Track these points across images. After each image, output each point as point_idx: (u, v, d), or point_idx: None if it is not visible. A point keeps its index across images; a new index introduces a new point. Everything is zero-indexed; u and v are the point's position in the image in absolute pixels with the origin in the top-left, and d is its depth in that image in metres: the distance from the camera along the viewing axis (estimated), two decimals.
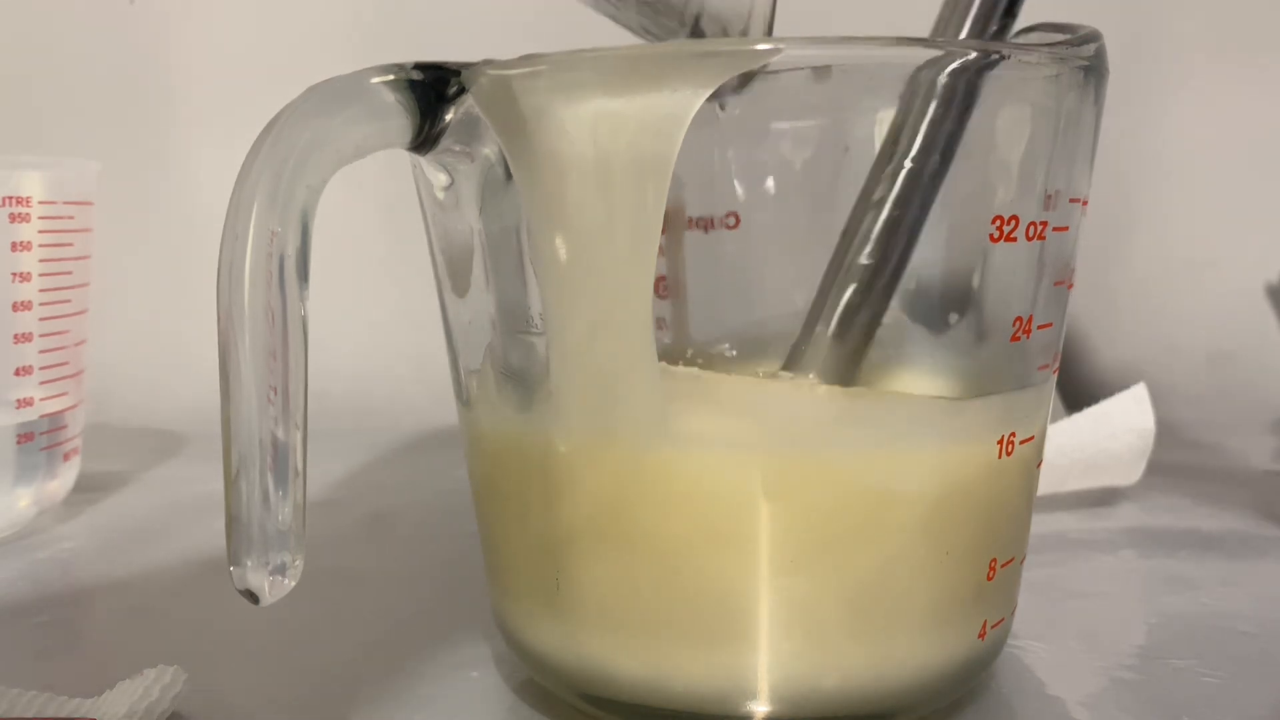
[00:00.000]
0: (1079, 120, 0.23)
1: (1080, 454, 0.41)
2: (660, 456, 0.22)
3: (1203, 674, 0.27)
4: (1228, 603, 0.32)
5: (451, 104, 0.22)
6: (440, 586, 0.34)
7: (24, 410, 0.39)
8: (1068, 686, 0.26)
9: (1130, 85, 0.59)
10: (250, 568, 0.20)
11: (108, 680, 0.25)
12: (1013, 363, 0.24)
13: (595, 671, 0.23)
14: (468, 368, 0.25)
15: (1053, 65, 0.23)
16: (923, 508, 0.22)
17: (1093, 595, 0.33)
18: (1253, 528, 0.39)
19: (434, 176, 0.24)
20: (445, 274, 0.25)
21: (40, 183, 0.38)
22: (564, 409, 0.22)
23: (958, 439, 0.23)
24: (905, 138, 0.23)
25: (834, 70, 0.22)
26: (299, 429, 0.20)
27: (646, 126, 0.20)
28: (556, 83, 0.21)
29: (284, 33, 0.60)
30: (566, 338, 0.22)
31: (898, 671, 0.23)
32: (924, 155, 0.23)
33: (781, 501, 0.21)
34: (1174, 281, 0.62)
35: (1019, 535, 0.25)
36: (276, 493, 0.20)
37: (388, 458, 0.52)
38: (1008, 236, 0.23)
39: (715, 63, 0.20)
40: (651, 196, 0.21)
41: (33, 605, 0.33)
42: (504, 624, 0.26)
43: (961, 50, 0.22)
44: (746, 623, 0.22)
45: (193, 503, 0.44)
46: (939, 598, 0.23)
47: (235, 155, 0.20)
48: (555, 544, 0.23)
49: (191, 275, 0.48)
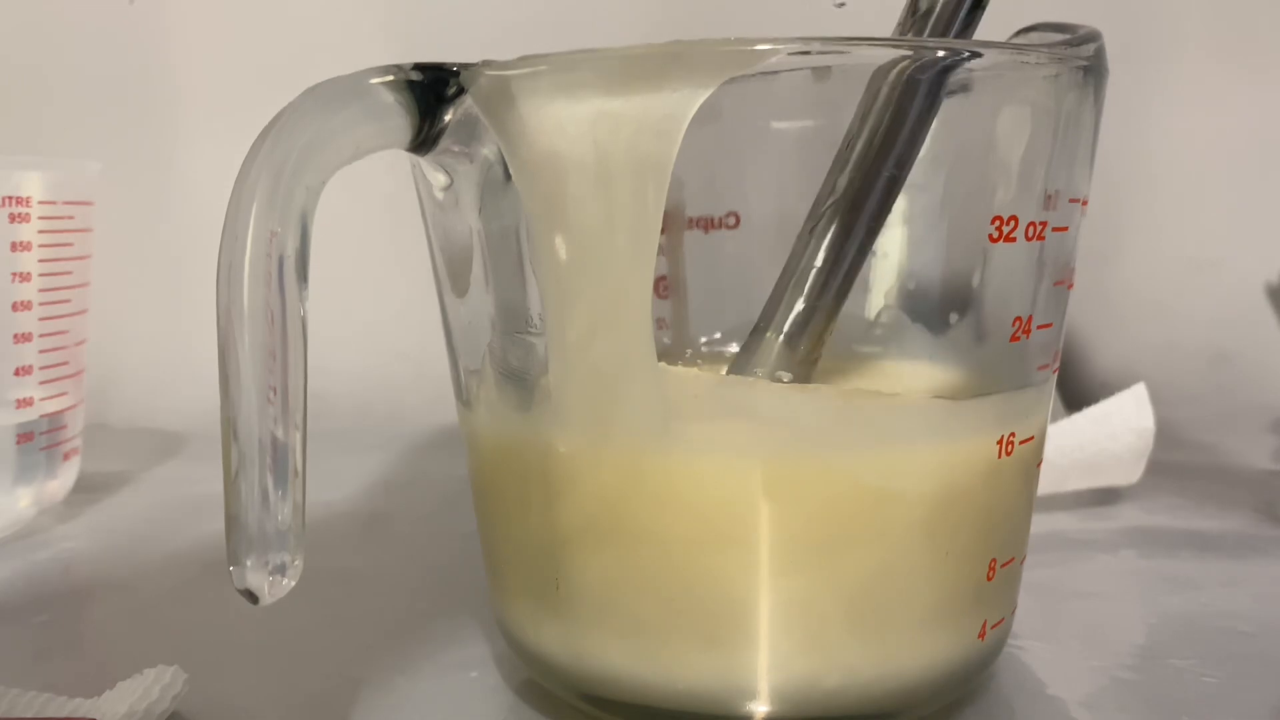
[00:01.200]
0: (1079, 120, 0.23)
1: (1080, 454, 0.41)
2: (660, 456, 0.22)
3: (1203, 674, 0.27)
4: (1228, 603, 0.32)
5: (451, 104, 0.22)
6: (440, 586, 0.34)
7: (24, 410, 0.39)
8: (1068, 686, 0.26)
9: (1130, 85, 0.59)
10: (250, 568, 0.20)
11: (108, 680, 0.25)
12: (1012, 363, 0.24)
13: (595, 671, 0.23)
14: (468, 368, 0.25)
15: (1052, 65, 0.23)
16: (923, 508, 0.22)
17: (1093, 595, 0.33)
18: (1253, 528, 0.39)
19: (433, 177, 0.24)
20: (445, 274, 0.25)
21: (40, 183, 0.38)
22: (564, 409, 0.22)
23: (958, 439, 0.23)
24: (866, 143, 0.23)
25: (834, 70, 0.22)
26: (299, 429, 0.20)
27: (646, 126, 0.20)
28: (556, 83, 0.21)
29: (284, 33, 0.60)
30: (566, 338, 0.22)
31: (898, 671, 0.23)
32: (885, 161, 0.23)
33: (781, 501, 0.21)
34: (1174, 282, 0.62)
35: (1019, 535, 0.25)
36: (276, 493, 0.20)
37: (388, 458, 0.52)
38: (1007, 237, 0.23)
39: (715, 63, 0.20)
40: (651, 196, 0.21)
41: (33, 605, 0.33)
42: (504, 624, 0.26)
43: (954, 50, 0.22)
44: (746, 622, 0.22)
45: (193, 503, 0.44)
46: (939, 598, 0.23)
47: (235, 155, 0.21)
48: (555, 544, 0.23)
49: (191, 275, 0.48)
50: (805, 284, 0.23)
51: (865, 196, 0.23)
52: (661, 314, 0.31)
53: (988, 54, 0.22)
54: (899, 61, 0.22)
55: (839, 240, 0.23)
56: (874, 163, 0.23)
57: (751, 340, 0.24)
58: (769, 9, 0.54)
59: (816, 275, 0.23)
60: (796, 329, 0.23)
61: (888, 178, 0.23)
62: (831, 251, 0.23)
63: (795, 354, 0.24)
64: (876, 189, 0.23)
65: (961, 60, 0.21)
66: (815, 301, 0.23)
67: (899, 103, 0.22)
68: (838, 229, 0.23)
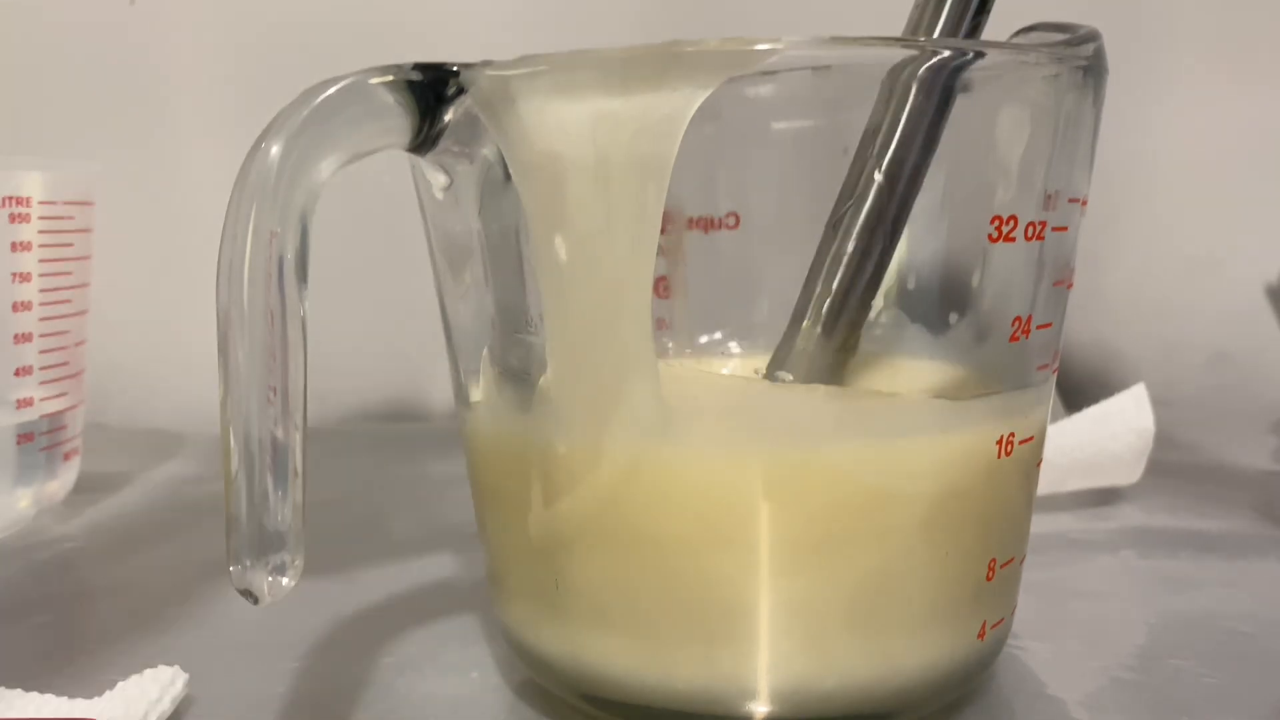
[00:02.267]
0: (1078, 120, 0.23)
1: (1080, 454, 0.41)
2: (660, 456, 0.22)
3: (1203, 674, 0.27)
4: (1228, 603, 0.32)
5: (450, 104, 0.22)
6: (440, 586, 0.34)
7: (24, 410, 0.39)
8: (1068, 686, 0.26)
9: (1130, 85, 0.59)
10: (250, 567, 0.20)
11: (108, 680, 0.25)
12: (1012, 363, 0.24)
13: (595, 671, 0.23)
14: (468, 368, 0.25)
15: (1052, 65, 0.23)
16: (922, 508, 0.22)
17: (1093, 595, 0.33)
18: (1253, 528, 0.39)
19: (433, 177, 0.24)
20: (445, 274, 0.25)
21: (40, 183, 0.38)
22: (564, 409, 0.22)
23: (957, 439, 0.23)
24: (885, 138, 0.23)
25: (834, 70, 0.22)
26: (299, 429, 0.20)
27: (646, 127, 0.20)
28: (556, 83, 0.21)
29: (283, 34, 0.60)
30: (566, 338, 0.22)
31: (897, 671, 0.23)
32: (908, 155, 0.23)
33: (781, 501, 0.21)
34: (1174, 281, 0.62)
35: (1019, 535, 0.25)
36: (276, 493, 0.20)
37: (388, 458, 0.52)
38: (1007, 236, 0.23)
39: (715, 63, 0.20)
40: (651, 197, 0.21)
41: (33, 605, 0.33)
42: (504, 624, 0.26)
43: (960, 49, 0.22)
44: (746, 623, 0.22)
45: (193, 503, 0.44)
46: (939, 598, 0.23)
47: (235, 156, 0.21)
48: (555, 544, 0.23)
49: (191, 275, 0.48)
50: (837, 272, 0.24)
51: (895, 185, 0.23)
52: (661, 314, 0.31)
53: (988, 54, 0.22)
54: (914, 59, 0.22)
55: (870, 228, 0.23)
56: (900, 152, 0.23)
57: (790, 331, 0.24)
58: (769, 9, 0.54)
59: (848, 263, 0.24)
60: (831, 318, 0.24)
61: (913, 166, 0.23)
62: (861, 239, 0.23)
63: (832, 343, 0.24)
64: (903, 178, 0.23)
65: (970, 60, 0.22)
66: (848, 288, 0.24)
67: (919, 98, 0.22)
68: (869, 217, 0.23)
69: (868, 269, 0.24)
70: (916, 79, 0.22)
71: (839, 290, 0.24)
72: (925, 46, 0.22)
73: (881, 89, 0.23)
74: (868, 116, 0.24)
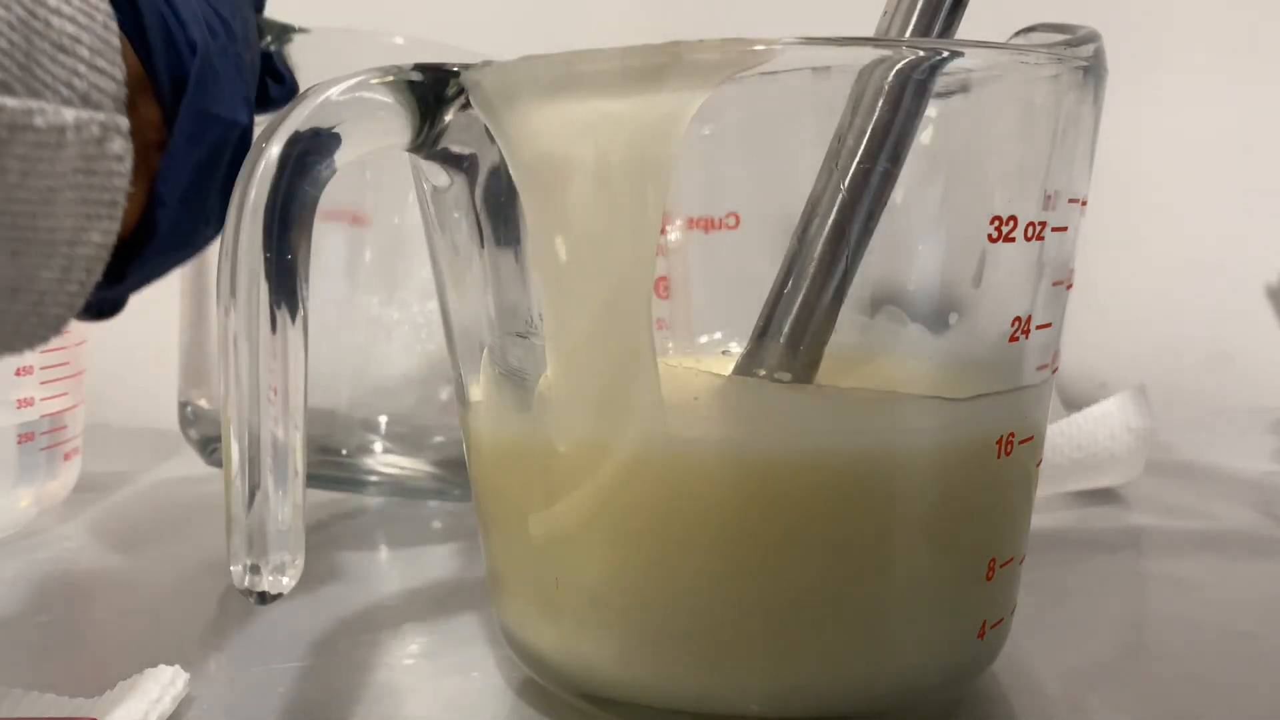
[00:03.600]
0: (1078, 120, 0.23)
1: (1080, 454, 0.41)
2: (659, 456, 0.21)
3: (1203, 674, 0.27)
4: (1228, 603, 0.32)
5: (451, 105, 0.22)
6: (440, 587, 0.34)
7: (24, 410, 0.39)
8: (1067, 686, 0.26)
9: (1130, 85, 0.59)
10: (250, 567, 0.20)
11: (108, 680, 0.25)
12: (1012, 363, 0.24)
13: (595, 671, 0.23)
14: (468, 368, 0.25)
15: (1052, 65, 0.23)
16: (922, 507, 0.22)
17: (1092, 595, 0.33)
18: (1253, 528, 0.39)
19: (434, 177, 0.24)
20: (445, 275, 0.25)
21: None
22: (564, 409, 0.22)
23: (957, 439, 0.23)
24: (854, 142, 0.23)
25: (834, 70, 0.22)
26: (299, 429, 0.20)
27: (646, 127, 0.20)
28: (556, 83, 0.21)
29: None
30: (566, 338, 0.22)
31: (897, 671, 0.23)
32: (887, 156, 0.23)
33: (780, 501, 0.21)
34: (1174, 281, 0.62)
35: (1018, 535, 0.25)
36: (276, 493, 0.20)
37: None
38: (1006, 237, 0.23)
39: (715, 63, 0.20)
40: (651, 197, 0.21)
41: (33, 605, 0.33)
42: (504, 624, 0.26)
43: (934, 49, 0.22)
44: (745, 623, 0.22)
45: (193, 503, 0.44)
46: (938, 598, 0.23)
47: None
48: (555, 544, 0.23)
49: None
50: (803, 285, 0.23)
51: (859, 194, 0.23)
52: (661, 314, 0.31)
53: (988, 54, 0.22)
54: (892, 60, 0.22)
55: (834, 240, 0.23)
56: (866, 159, 0.23)
57: (753, 344, 0.24)
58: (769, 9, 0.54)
59: (813, 276, 0.23)
60: (796, 330, 0.23)
61: (881, 173, 0.23)
62: (827, 251, 0.23)
63: (796, 355, 0.24)
64: (870, 186, 0.23)
65: (948, 59, 0.21)
66: (814, 302, 0.23)
67: (891, 99, 0.22)
68: (832, 228, 0.23)
69: (834, 279, 0.23)
70: (896, 79, 0.22)
71: (804, 301, 0.23)
72: (923, 46, 0.22)
73: (854, 87, 0.23)
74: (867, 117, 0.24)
